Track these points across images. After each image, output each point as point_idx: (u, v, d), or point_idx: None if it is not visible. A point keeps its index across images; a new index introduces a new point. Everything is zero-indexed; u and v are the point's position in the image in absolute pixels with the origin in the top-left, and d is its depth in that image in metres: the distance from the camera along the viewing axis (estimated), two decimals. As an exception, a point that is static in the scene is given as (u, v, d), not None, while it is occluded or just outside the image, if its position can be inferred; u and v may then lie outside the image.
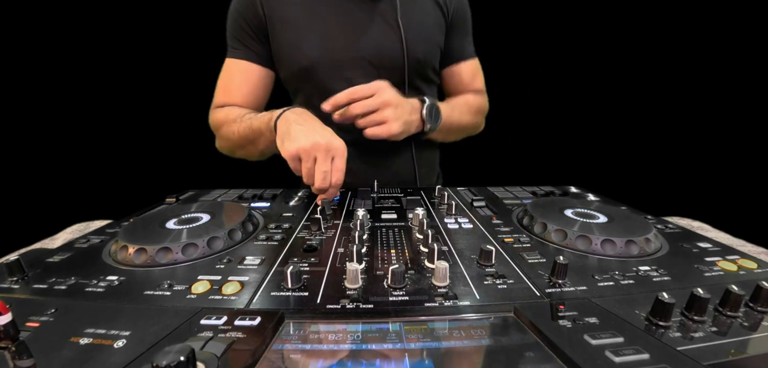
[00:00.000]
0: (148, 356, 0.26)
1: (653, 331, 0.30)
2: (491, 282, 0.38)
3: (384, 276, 0.39)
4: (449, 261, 0.42)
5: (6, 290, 0.38)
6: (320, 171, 0.59)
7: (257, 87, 0.85)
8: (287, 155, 0.60)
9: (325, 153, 0.59)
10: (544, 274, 0.40)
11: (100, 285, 0.38)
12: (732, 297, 0.32)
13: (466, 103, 0.92)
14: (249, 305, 0.34)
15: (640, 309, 0.32)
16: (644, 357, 0.26)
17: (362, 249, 0.44)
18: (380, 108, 0.68)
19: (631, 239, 0.45)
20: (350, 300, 0.35)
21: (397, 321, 0.32)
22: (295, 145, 0.59)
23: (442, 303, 0.34)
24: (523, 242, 0.49)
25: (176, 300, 0.35)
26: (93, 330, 0.30)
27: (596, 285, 0.38)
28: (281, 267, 0.42)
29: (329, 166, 0.60)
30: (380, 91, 0.69)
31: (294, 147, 0.59)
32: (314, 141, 0.59)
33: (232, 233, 0.49)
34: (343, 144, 0.62)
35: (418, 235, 0.51)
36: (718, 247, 0.47)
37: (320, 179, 0.59)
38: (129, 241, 0.44)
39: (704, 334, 0.29)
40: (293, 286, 0.37)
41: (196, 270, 0.41)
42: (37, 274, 0.40)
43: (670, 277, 0.39)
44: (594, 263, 0.43)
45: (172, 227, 0.50)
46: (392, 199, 0.70)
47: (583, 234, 0.46)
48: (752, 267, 0.42)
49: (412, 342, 0.29)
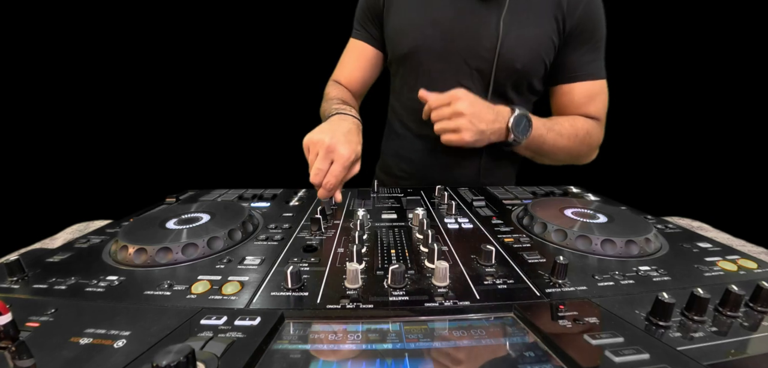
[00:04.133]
0: (148, 356, 0.26)
1: (653, 331, 0.30)
2: (491, 282, 0.38)
3: (384, 276, 0.39)
4: (449, 261, 0.42)
5: (6, 290, 0.38)
6: (315, 166, 0.60)
7: (366, 66, 0.94)
8: (303, 144, 0.64)
9: (325, 152, 0.60)
10: (544, 274, 0.40)
11: (100, 285, 0.38)
12: (732, 297, 0.32)
13: (572, 126, 0.80)
14: (249, 305, 0.34)
15: (640, 309, 0.32)
16: (644, 357, 0.26)
17: (362, 249, 0.44)
18: (453, 117, 0.71)
19: (631, 239, 0.45)
20: (350, 300, 0.35)
21: (397, 321, 0.32)
22: (309, 137, 0.63)
23: (442, 303, 0.34)
24: (523, 242, 0.49)
25: (176, 300, 0.35)
26: (93, 330, 0.30)
27: (596, 285, 0.38)
28: (281, 267, 0.42)
29: (325, 166, 0.60)
30: (455, 101, 0.70)
31: (307, 138, 0.63)
32: (320, 138, 0.61)
33: (232, 233, 0.49)
34: (349, 155, 0.61)
35: (418, 235, 0.51)
36: (718, 247, 0.47)
37: (313, 173, 0.60)
38: (129, 241, 0.44)
39: (704, 334, 0.29)
40: (293, 286, 0.37)
41: (196, 270, 0.41)
42: (37, 274, 0.40)
43: (670, 277, 0.39)
44: (594, 263, 0.43)
45: (172, 227, 0.50)
46: (392, 199, 0.70)
47: (583, 234, 0.46)
48: (752, 267, 0.42)
49: (412, 342, 0.29)
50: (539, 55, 0.78)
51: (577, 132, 0.81)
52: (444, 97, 0.72)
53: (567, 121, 0.81)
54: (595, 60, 0.81)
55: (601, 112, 0.84)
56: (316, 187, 0.62)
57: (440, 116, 0.72)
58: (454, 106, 0.70)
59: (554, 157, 0.85)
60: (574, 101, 0.83)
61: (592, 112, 0.83)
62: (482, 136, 0.72)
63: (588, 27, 0.78)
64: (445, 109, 0.71)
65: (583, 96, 0.82)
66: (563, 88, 0.83)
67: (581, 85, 0.82)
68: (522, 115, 0.74)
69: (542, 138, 0.78)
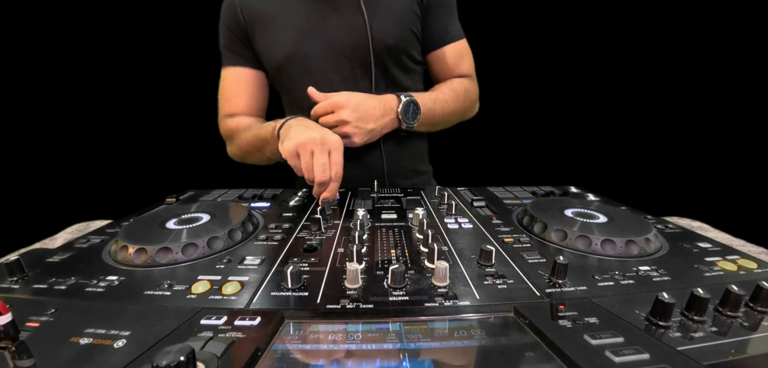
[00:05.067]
0: (148, 356, 0.26)
1: (653, 331, 0.30)
2: (491, 282, 0.38)
3: (384, 276, 0.39)
4: (449, 261, 0.42)
5: (6, 290, 0.38)
6: (318, 163, 0.60)
7: (254, 90, 0.90)
8: (286, 153, 0.63)
9: (320, 145, 0.61)
10: (544, 274, 0.40)
11: (100, 285, 0.38)
12: (732, 297, 0.32)
13: (452, 90, 0.88)
14: (249, 305, 0.34)
15: (640, 309, 0.32)
16: (644, 357, 0.26)
17: (362, 249, 0.44)
18: (339, 124, 0.71)
19: (631, 239, 0.45)
20: (350, 300, 0.35)
21: (397, 321, 0.32)
22: (293, 142, 0.62)
23: (442, 303, 0.34)
24: (523, 242, 0.49)
25: (176, 300, 0.35)
26: (93, 330, 0.30)
27: (596, 285, 0.38)
28: (281, 267, 0.42)
29: (327, 159, 0.61)
30: (338, 109, 0.71)
31: (291, 144, 0.62)
32: (309, 136, 0.61)
33: (232, 233, 0.49)
34: (339, 139, 0.64)
35: (418, 235, 0.51)
36: (718, 247, 0.47)
37: (319, 171, 0.60)
38: (129, 241, 0.44)
39: (704, 334, 0.29)
40: (293, 286, 0.37)
41: (196, 270, 0.41)
42: (37, 274, 0.40)
43: (670, 277, 0.39)
44: (594, 263, 0.43)
45: (172, 227, 0.50)
46: (392, 199, 0.70)
47: (583, 234, 0.46)
48: (752, 267, 0.42)
49: (412, 342, 0.29)
50: (406, 26, 0.83)
51: (458, 93, 0.89)
52: (327, 105, 0.72)
53: (446, 86, 0.89)
54: (454, 22, 0.91)
55: (471, 68, 0.94)
56: (321, 186, 0.62)
57: (327, 123, 0.72)
58: (337, 115, 0.71)
59: (446, 124, 0.92)
60: (447, 64, 0.91)
61: (464, 70, 0.93)
62: (372, 134, 0.75)
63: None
64: (329, 117, 0.72)
65: (454, 57, 0.91)
66: (436, 53, 0.90)
67: (451, 48, 0.90)
68: (409, 101, 0.78)
69: (432, 112, 0.83)
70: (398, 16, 0.82)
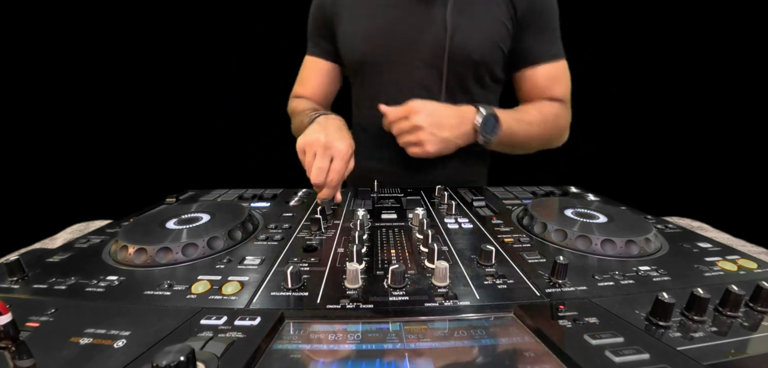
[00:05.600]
0: (148, 356, 0.26)
1: (653, 331, 0.30)
2: (491, 282, 0.38)
3: (384, 276, 0.39)
4: (449, 261, 0.42)
5: (6, 290, 0.38)
6: (316, 166, 0.60)
7: (323, 80, 0.93)
8: (297, 148, 0.64)
9: (323, 149, 0.60)
10: (544, 274, 0.40)
11: (100, 285, 0.38)
12: (732, 297, 0.32)
13: (539, 112, 0.80)
14: (249, 305, 0.34)
15: (640, 309, 0.32)
16: (644, 357, 0.26)
17: (362, 249, 0.44)
18: (413, 130, 0.70)
19: (631, 239, 0.45)
20: (350, 300, 0.35)
21: (397, 321, 0.32)
22: (303, 139, 0.62)
23: (442, 303, 0.34)
24: (523, 242, 0.49)
25: (176, 300, 0.35)
26: (93, 330, 0.30)
27: (596, 285, 0.38)
28: (281, 267, 0.42)
29: (326, 164, 0.60)
30: (412, 114, 0.69)
31: (302, 141, 0.63)
32: (316, 137, 0.61)
33: (232, 233, 0.49)
34: (347, 149, 0.62)
35: (418, 235, 0.51)
36: (718, 247, 0.47)
37: (315, 174, 0.60)
38: (129, 241, 0.44)
39: (704, 334, 0.29)
40: (293, 286, 0.37)
41: (196, 270, 0.41)
42: (37, 274, 0.40)
43: (670, 277, 0.39)
44: (594, 263, 0.43)
45: (172, 227, 0.50)
46: (392, 199, 0.70)
47: (583, 234, 0.46)
48: (752, 267, 0.42)
49: (412, 342, 0.29)
50: (494, 42, 0.77)
51: (546, 117, 0.81)
52: (401, 110, 0.71)
53: (534, 108, 0.81)
54: (553, 41, 0.81)
55: (565, 93, 0.84)
56: (318, 188, 0.62)
57: (400, 130, 0.71)
58: (411, 121, 0.69)
59: (527, 147, 0.85)
60: (538, 85, 0.82)
61: (557, 94, 0.83)
62: (447, 144, 0.71)
63: (539, 9, 0.78)
64: (403, 123, 0.70)
65: (546, 79, 0.82)
66: (525, 73, 0.82)
67: (543, 68, 0.81)
68: (489, 114, 0.72)
69: (513, 131, 0.77)
70: (485, 29, 0.76)
